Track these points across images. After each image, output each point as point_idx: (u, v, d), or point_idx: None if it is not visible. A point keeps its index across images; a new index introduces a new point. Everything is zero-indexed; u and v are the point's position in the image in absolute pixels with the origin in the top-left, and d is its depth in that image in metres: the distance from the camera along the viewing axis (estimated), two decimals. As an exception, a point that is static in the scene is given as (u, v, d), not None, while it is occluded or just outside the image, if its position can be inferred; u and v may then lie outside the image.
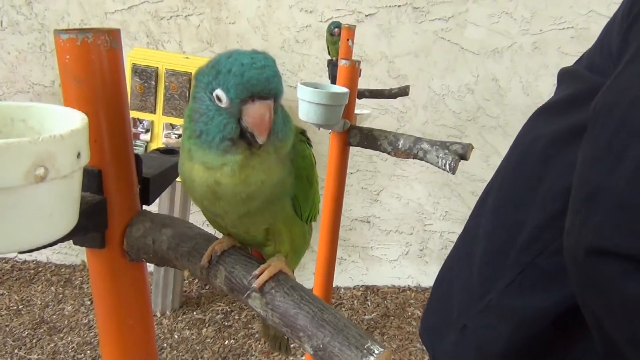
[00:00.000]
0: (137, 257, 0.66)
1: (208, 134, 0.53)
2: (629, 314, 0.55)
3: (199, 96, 0.54)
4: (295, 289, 0.56)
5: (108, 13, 2.84)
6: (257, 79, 0.50)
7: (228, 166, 0.53)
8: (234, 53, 0.52)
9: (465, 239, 0.94)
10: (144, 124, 2.58)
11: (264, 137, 0.51)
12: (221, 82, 0.51)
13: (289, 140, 0.57)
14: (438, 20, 2.86)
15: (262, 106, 0.51)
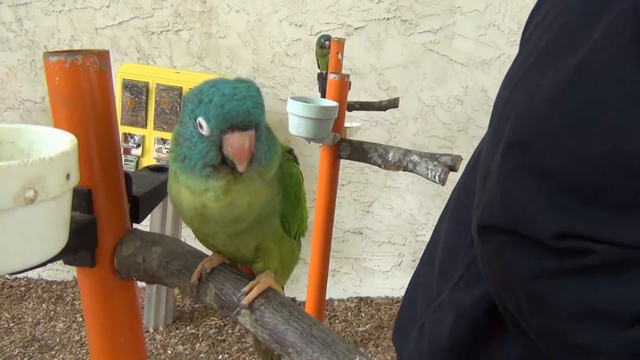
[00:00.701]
0: (128, 276, 0.67)
1: (191, 159, 0.54)
2: (514, 289, 0.57)
3: (185, 121, 0.55)
4: (285, 305, 0.56)
5: (98, 29, 2.85)
6: (236, 110, 0.51)
7: (211, 191, 0.55)
8: (218, 82, 0.53)
9: (431, 243, 0.98)
10: (135, 138, 2.58)
11: (243, 167, 0.53)
12: (203, 111, 0.52)
13: (274, 164, 0.58)
14: (426, 33, 2.89)
15: (242, 137, 0.52)
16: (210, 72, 2.89)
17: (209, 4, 2.82)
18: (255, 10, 2.83)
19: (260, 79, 2.90)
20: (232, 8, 2.82)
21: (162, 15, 2.83)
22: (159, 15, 2.83)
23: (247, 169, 0.53)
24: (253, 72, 2.91)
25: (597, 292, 0.51)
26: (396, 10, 2.86)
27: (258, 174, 0.56)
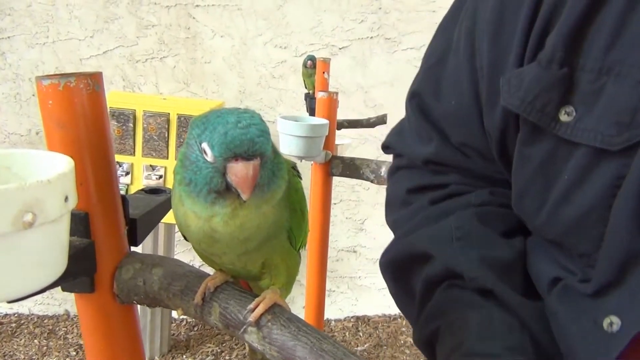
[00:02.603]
0: (128, 300, 0.65)
1: (196, 185, 0.54)
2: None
3: (191, 144, 0.55)
4: (292, 321, 0.55)
5: (83, 59, 2.85)
6: (240, 139, 0.51)
7: (218, 217, 0.55)
8: (223, 111, 0.53)
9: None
10: (123, 166, 2.56)
11: (247, 196, 0.52)
12: (207, 138, 0.52)
13: (279, 191, 0.57)
14: (410, 50, 2.92)
15: (246, 166, 0.52)
16: (197, 97, 2.90)
17: (193, 30, 2.84)
18: (239, 34, 2.85)
19: (247, 102, 2.91)
20: (216, 33, 2.84)
21: (146, 42, 2.84)
22: (144, 43, 2.84)
23: (251, 196, 0.53)
24: (240, 95, 2.91)
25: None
26: (379, 29, 2.89)
27: (262, 201, 0.55)
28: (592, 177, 0.54)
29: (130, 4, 2.79)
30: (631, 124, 0.50)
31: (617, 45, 0.51)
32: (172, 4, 2.80)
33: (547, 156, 0.58)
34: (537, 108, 0.56)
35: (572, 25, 0.54)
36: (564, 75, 0.54)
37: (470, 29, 0.65)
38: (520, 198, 0.63)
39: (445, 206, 0.69)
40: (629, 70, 0.51)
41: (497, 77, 0.61)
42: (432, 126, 0.71)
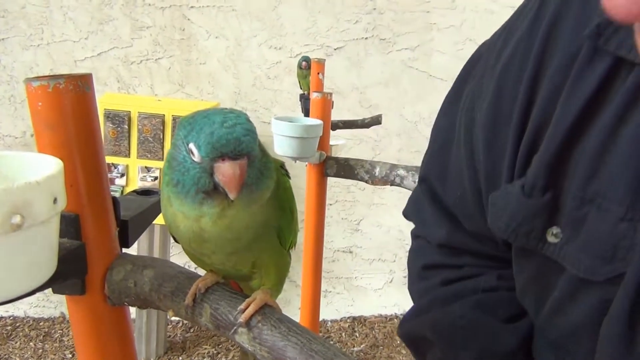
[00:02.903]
0: (119, 301, 0.65)
1: (184, 186, 0.54)
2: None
3: (178, 144, 0.55)
4: (282, 321, 0.55)
5: (77, 61, 2.84)
6: (226, 139, 0.51)
7: (207, 217, 0.55)
8: (210, 111, 0.53)
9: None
10: (118, 168, 2.56)
11: (234, 194, 0.52)
12: (194, 138, 0.52)
13: (267, 190, 0.57)
14: (405, 50, 2.93)
15: (233, 166, 0.52)
16: (192, 98, 2.89)
17: (188, 31, 2.84)
18: (234, 35, 2.85)
19: (242, 103, 2.91)
20: (211, 34, 2.84)
21: (141, 44, 2.84)
22: (138, 44, 2.84)
23: (239, 196, 0.53)
24: (235, 96, 2.91)
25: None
26: (374, 30, 2.90)
27: (250, 200, 0.55)
28: (580, 297, 0.54)
29: (124, 6, 2.78)
30: (613, 258, 0.50)
31: (598, 177, 0.51)
32: (166, 5, 2.79)
33: (538, 271, 0.58)
34: (522, 234, 0.56)
35: (554, 152, 0.53)
36: (547, 201, 0.54)
37: (468, 127, 0.65)
38: (521, 297, 0.64)
39: (454, 289, 0.70)
40: (609, 205, 0.50)
41: (493, 185, 0.61)
42: (443, 212, 0.71)
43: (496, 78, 0.60)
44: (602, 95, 0.51)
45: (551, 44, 0.56)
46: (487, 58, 0.64)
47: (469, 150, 0.64)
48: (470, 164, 0.64)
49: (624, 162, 0.49)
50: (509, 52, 0.59)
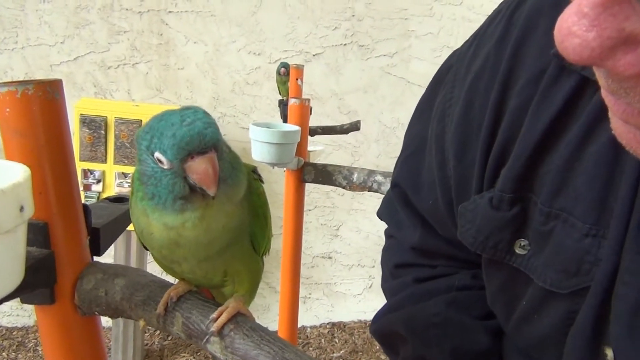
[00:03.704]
0: (90, 311, 0.64)
1: (160, 197, 0.53)
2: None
3: (143, 158, 0.54)
4: (255, 330, 0.55)
5: (53, 65, 2.80)
6: (189, 135, 0.50)
7: (189, 222, 0.54)
8: (165, 114, 0.53)
9: None
10: (95, 174, 2.52)
11: (213, 190, 0.51)
12: (157, 146, 0.51)
13: (242, 184, 0.57)
14: (383, 57, 2.95)
15: (203, 161, 0.51)
16: (170, 103, 2.87)
17: (166, 36, 2.82)
18: (212, 40, 2.84)
19: (221, 108, 2.90)
20: (189, 39, 2.83)
21: (118, 49, 2.81)
22: (115, 49, 2.81)
23: (217, 192, 0.52)
24: (213, 101, 2.90)
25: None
26: (352, 36, 2.91)
27: (228, 197, 0.55)
28: (547, 308, 0.55)
29: (101, 10, 2.76)
30: (578, 272, 0.51)
31: (564, 193, 0.52)
32: (144, 10, 2.77)
33: (507, 281, 0.59)
34: (490, 246, 0.57)
35: (521, 167, 0.54)
36: (514, 215, 0.55)
37: (439, 137, 0.65)
38: (492, 304, 0.64)
39: (428, 287, 0.71)
40: (575, 220, 0.51)
41: (463, 196, 0.61)
42: (416, 216, 0.72)
43: (466, 89, 0.61)
44: (568, 112, 0.52)
45: (519, 58, 0.56)
46: (458, 68, 0.65)
47: (440, 160, 0.65)
48: (441, 174, 0.65)
49: (589, 179, 0.50)
50: (479, 64, 0.60)
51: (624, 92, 0.35)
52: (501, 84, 0.57)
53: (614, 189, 0.49)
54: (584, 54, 0.32)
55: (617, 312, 0.49)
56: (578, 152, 0.51)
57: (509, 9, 0.59)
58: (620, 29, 0.31)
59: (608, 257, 0.49)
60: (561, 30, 0.32)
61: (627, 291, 0.48)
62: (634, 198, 0.48)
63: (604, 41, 0.31)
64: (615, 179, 0.49)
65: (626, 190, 0.48)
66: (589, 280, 0.51)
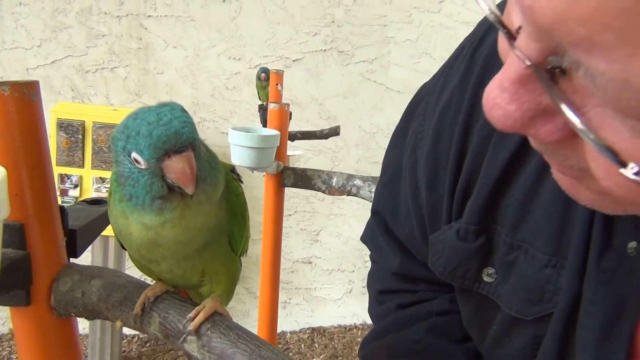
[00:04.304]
0: (66, 312, 0.64)
1: (138, 197, 0.53)
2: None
3: (120, 160, 0.54)
4: (232, 328, 0.56)
5: (30, 69, 2.77)
6: (166, 134, 0.50)
7: (168, 222, 0.54)
8: (140, 112, 0.52)
9: None
10: (72, 179, 2.49)
11: (192, 188, 0.51)
12: (134, 146, 0.51)
13: (220, 183, 0.57)
14: (363, 63, 2.97)
15: (180, 159, 0.51)
16: (149, 108, 2.85)
17: (145, 41, 2.80)
18: (192, 45, 2.83)
19: (200, 113, 2.89)
20: (169, 44, 2.82)
21: (96, 53, 2.79)
22: (94, 53, 2.79)
23: (196, 191, 0.52)
24: (193, 106, 2.89)
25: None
26: (332, 42, 2.93)
27: (206, 197, 0.55)
28: (515, 333, 0.57)
29: (79, 14, 2.74)
30: (540, 300, 0.54)
31: (524, 225, 0.54)
32: (123, 14, 2.76)
33: (478, 307, 0.61)
34: (459, 275, 0.60)
35: (484, 200, 0.56)
36: (481, 244, 0.57)
37: (412, 167, 0.67)
38: (467, 327, 0.67)
39: (410, 313, 0.74)
40: (535, 252, 0.53)
41: (434, 225, 0.64)
42: (395, 242, 0.74)
43: (435, 123, 0.63)
44: (525, 149, 0.54)
45: (480, 95, 0.58)
46: (428, 100, 0.67)
47: (413, 190, 0.67)
48: (415, 204, 0.67)
49: (546, 213, 0.53)
50: (446, 99, 0.62)
51: (550, 152, 0.38)
52: (464, 121, 0.59)
53: (571, 222, 0.52)
54: (508, 124, 0.35)
55: (583, 341, 0.51)
56: (536, 187, 0.53)
57: (472, 47, 0.61)
58: (538, 102, 0.34)
59: (567, 287, 0.52)
60: (487, 101, 0.35)
61: (591, 321, 0.50)
62: (589, 231, 0.50)
63: (524, 113, 0.34)
64: (572, 213, 0.51)
65: (581, 224, 0.50)
66: (552, 307, 0.53)
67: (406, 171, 0.69)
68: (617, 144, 0.30)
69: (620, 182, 0.32)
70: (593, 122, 0.31)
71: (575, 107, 0.31)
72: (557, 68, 0.31)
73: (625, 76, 0.27)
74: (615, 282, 0.49)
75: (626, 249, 0.48)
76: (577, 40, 0.27)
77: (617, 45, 0.26)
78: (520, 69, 0.33)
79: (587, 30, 0.26)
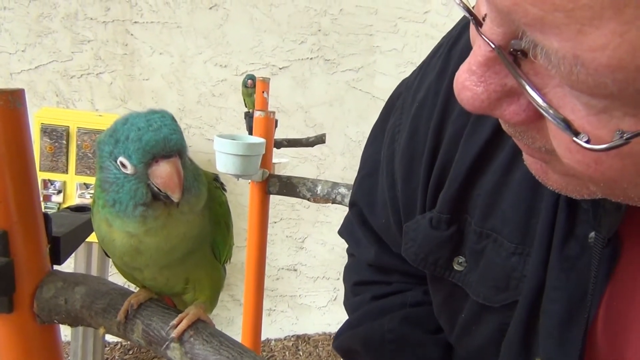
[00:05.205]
0: (49, 319, 0.64)
1: (121, 203, 0.53)
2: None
3: (105, 165, 0.54)
4: (214, 335, 0.56)
5: (13, 73, 2.75)
6: (155, 140, 0.50)
7: (150, 229, 0.54)
8: (130, 118, 0.52)
9: None
10: (55, 185, 2.47)
11: (178, 195, 0.52)
12: (122, 150, 0.51)
13: (203, 194, 0.58)
14: (349, 71, 3.00)
15: (168, 164, 0.51)
16: (135, 114, 2.84)
17: (131, 47, 2.80)
18: (178, 52, 2.84)
19: (186, 120, 2.89)
20: (155, 50, 2.82)
21: (82, 58, 2.78)
22: (79, 58, 2.78)
23: (181, 199, 0.52)
24: (179, 112, 2.89)
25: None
26: (319, 50, 2.95)
27: (189, 206, 0.56)
28: (482, 320, 0.60)
29: (65, 19, 2.73)
30: (507, 288, 0.56)
31: (493, 214, 0.57)
32: (109, 19, 2.75)
33: (448, 295, 0.63)
34: (430, 262, 0.62)
35: (455, 190, 0.59)
36: (452, 233, 0.60)
37: (389, 160, 0.69)
38: (438, 316, 0.69)
39: (384, 304, 0.75)
40: (502, 241, 0.56)
41: (408, 215, 0.66)
42: (372, 234, 0.76)
43: (411, 117, 0.65)
44: (494, 141, 0.56)
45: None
46: (406, 96, 0.69)
47: (390, 182, 0.69)
48: (391, 195, 0.69)
49: (514, 202, 0.55)
50: (422, 95, 0.64)
51: (519, 135, 0.41)
52: (439, 114, 0.61)
53: (536, 212, 0.54)
54: (475, 104, 0.38)
55: (545, 326, 0.53)
56: (504, 178, 0.56)
57: (449, 44, 0.64)
58: (503, 83, 0.36)
59: (532, 274, 0.54)
60: (457, 85, 0.38)
61: (553, 307, 0.52)
62: (553, 220, 0.52)
63: (490, 94, 0.37)
64: (537, 203, 0.54)
65: (546, 213, 0.53)
66: (517, 295, 0.55)
67: (383, 164, 0.71)
68: (575, 121, 0.33)
69: (579, 158, 0.35)
70: (554, 101, 0.34)
71: (536, 87, 0.34)
72: (519, 51, 0.34)
73: (575, 52, 0.29)
74: (577, 270, 0.51)
75: (588, 239, 0.50)
76: (532, 21, 0.30)
77: (566, 24, 0.28)
78: (486, 53, 0.36)
79: (539, 10, 0.29)
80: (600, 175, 0.35)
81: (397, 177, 0.67)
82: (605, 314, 0.51)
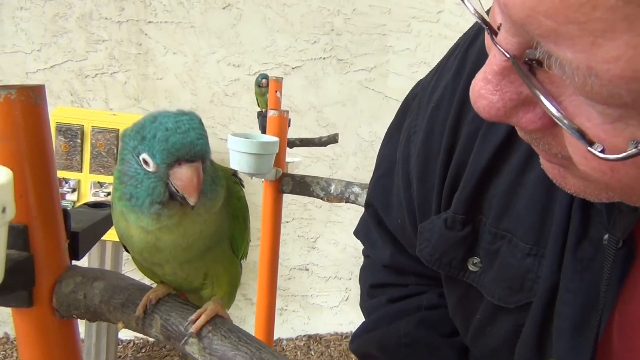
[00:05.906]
0: (68, 314, 0.64)
1: (138, 198, 0.53)
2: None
3: (127, 158, 0.54)
4: (233, 331, 0.56)
5: (29, 73, 2.78)
6: (181, 143, 0.50)
7: (165, 227, 0.54)
8: (159, 116, 0.52)
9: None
10: (70, 183, 2.50)
11: (194, 199, 0.52)
12: (147, 147, 0.51)
13: (220, 198, 0.58)
14: (362, 71, 2.99)
15: (190, 169, 0.51)
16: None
17: (145, 46, 2.82)
18: (192, 51, 2.85)
19: (199, 119, 2.90)
20: (168, 50, 2.83)
21: (96, 57, 2.80)
22: (94, 58, 2.80)
23: (197, 202, 0.52)
24: (192, 112, 2.90)
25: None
26: (332, 50, 2.95)
27: (205, 209, 0.56)
28: (497, 321, 0.59)
29: (80, 19, 2.75)
30: (521, 289, 0.56)
31: (508, 215, 0.56)
32: (123, 19, 2.77)
33: (463, 296, 0.63)
34: (445, 262, 0.62)
35: (470, 191, 0.58)
36: (467, 234, 0.59)
37: (405, 160, 0.69)
38: (453, 317, 0.69)
39: (399, 307, 0.75)
40: (517, 242, 0.55)
41: (424, 216, 0.66)
42: (387, 235, 0.76)
43: (427, 118, 0.65)
44: (510, 141, 0.56)
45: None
46: (422, 97, 0.69)
47: (406, 181, 0.69)
48: (407, 195, 0.69)
49: (529, 203, 0.55)
50: (439, 95, 0.64)
51: (535, 141, 0.41)
52: (455, 114, 0.61)
53: (551, 213, 0.53)
54: (492, 113, 0.38)
55: (559, 328, 0.52)
56: (519, 178, 0.55)
57: (465, 44, 0.64)
58: (519, 92, 0.37)
59: (546, 276, 0.53)
60: (473, 93, 0.38)
61: (567, 309, 0.52)
62: (568, 221, 0.52)
63: (506, 103, 0.37)
64: (552, 204, 0.53)
65: (561, 214, 0.52)
66: (532, 296, 0.55)
67: (399, 165, 0.71)
68: (590, 129, 0.33)
69: (595, 166, 0.35)
70: (569, 110, 0.34)
71: (551, 96, 0.34)
72: (534, 60, 0.34)
73: (589, 63, 0.29)
74: (590, 272, 0.50)
75: (602, 241, 0.49)
76: (546, 32, 0.30)
77: (580, 36, 0.29)
78: (502, 62, 0.36)
79: (553, 22, 0.29)
80: (616, 182, 0.35)
81: (412, 177, 0.67)
82: (620, 318, 0.51)
